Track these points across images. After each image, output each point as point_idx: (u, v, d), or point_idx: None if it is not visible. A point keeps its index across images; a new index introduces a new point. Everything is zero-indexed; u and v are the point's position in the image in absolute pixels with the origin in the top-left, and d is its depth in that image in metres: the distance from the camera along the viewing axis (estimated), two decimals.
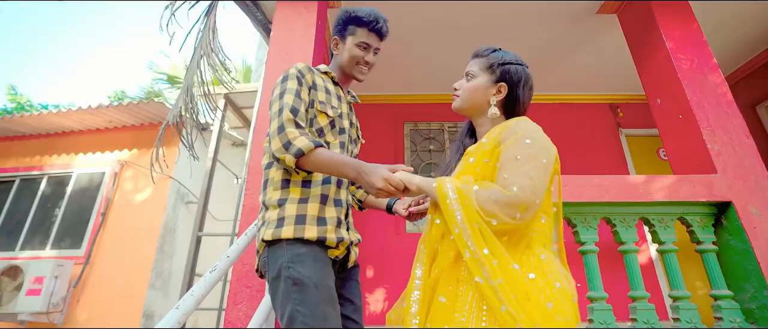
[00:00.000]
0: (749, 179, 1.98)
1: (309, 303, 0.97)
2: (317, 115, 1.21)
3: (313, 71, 1.28)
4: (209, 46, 2.67)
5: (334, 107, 1.26)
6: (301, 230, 1.06)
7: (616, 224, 1.95)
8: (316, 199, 1.12)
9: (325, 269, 1.06)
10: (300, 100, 1.16)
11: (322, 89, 1.26)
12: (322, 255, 1.09)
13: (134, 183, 4.81)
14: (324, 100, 1.24)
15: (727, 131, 2.11)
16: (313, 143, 1.06)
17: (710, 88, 2.23)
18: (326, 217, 1.12)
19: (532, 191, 0.86)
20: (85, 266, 4.32)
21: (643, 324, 1.77)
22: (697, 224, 1.96)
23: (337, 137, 1.25)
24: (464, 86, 1.12)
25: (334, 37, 1.35)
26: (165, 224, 4.59)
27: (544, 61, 3.73)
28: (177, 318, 0.86)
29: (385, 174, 0.99)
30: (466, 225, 0.85)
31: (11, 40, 39.36)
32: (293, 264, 1.02)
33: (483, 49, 1.15)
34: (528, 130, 0.96)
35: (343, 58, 1.33)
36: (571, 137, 4.05)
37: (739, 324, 1.77)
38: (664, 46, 2.38)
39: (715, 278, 1.87)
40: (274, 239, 1.07)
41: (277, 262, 1.04)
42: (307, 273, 1.01)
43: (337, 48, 1.35)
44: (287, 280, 1.01)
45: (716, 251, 1.92)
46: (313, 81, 1.25)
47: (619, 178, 1.99)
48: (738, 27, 3.39)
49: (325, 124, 1.22)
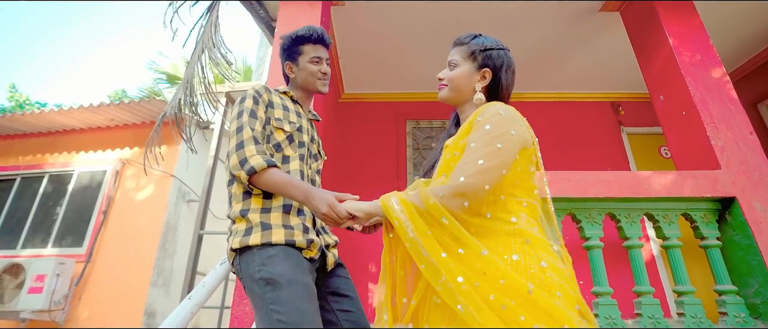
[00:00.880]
0: (753, 174, 1.99)
1: (283, 300, 0.96)
2: (274, 131, 1.25)
3: (270, 91, 1.32)
4: (211, 40, 2.67)
5: (292, 123, 1.28)
6: (269, 234, 1.07)
7: (620, 220, 1.95)
8: (279, 209, 1.13)
9: (298, 266, 1.05)
10: (255, 118, 1.20)
11: (278, 106, 1.30)
12: (294, 253, 1.08)
13: (136, 181, 4.80)
14: (280, 116, 1.28)
15: (730, 127, 2.12)
16: (266, 163, 1.09)
17: (713, 84, 2.23)
18: (291, 224, 1.12)
19: (480, 178, 0.85)
20: (86, 264, 4.31)
21: (648, 319, 1.77)
22: (701, 220, 1.96)
23: (296, 150, 1.27)
24: (448, 75, 1.11)
25: (287, 63, 1.39)
26: (166, 222, 4.58)
27: (546, 59, 3.73)
28: None
29: (330, 201, 1.00)
30: (417, 236, 0.83)
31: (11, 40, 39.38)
32: (264, 265, 1.02)
33: (464, 36, 1.14)
34: (491, 115, 0.95)
35: (300, 78, 1.37)
36: (572, 136, 4.06)
37: (743, 319, 1.77)
38: (667, 42, 2.39)
39: (719, 273, 1.87)
40: (242, 247, 1.07)
41: (249, 268, 1.04)
42: (278, 271, 1.00)
43: (292, 71, 1.39)
44: (260, 282, 1.00)
45: (720, 246, 1.93)
46: (269, 100, 1.29)
47: (624, 174, 1.99)
48: (739, 26, 3.40)
49: (282, 139, 1.25)
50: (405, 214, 0.86)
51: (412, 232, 0.83)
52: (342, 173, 3.84)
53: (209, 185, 4.37)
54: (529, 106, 4.26)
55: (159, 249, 4.45)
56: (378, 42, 3.50)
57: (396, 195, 0.92)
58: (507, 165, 0.89)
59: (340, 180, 3.79)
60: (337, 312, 1.19)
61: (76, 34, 60.78)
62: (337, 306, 1.20)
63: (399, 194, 0.92)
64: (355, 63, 3.79)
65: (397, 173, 3.91)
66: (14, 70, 42.57)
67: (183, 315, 0.85)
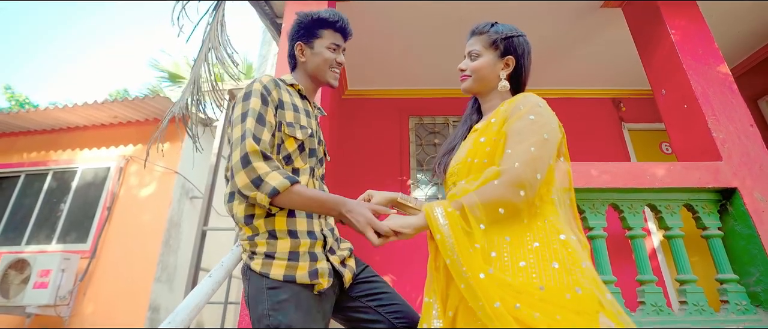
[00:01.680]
0: (754, 166, 2.02)
1: None
2: (285, 139, 1.09)
3: (279, 85, 1.15)
4: (217, 39, 2.70)
5: (304, 127, 1.14)
6: (269, 265, 0.99)
7: (623, 211, 1.98)
8: (285, 234, 1.04)
9: (309, 313, 0.98)
10: (264, 125, 1.03)
11: (289, 106, 1.14)
12: (306, 297, 1.00)
13: (139, 178, 4.83)
14: (292, 120, 1.12)
15: (732, 120, 2.15)
16: (288, 180, 0.97)
17: (715, 77, 2.26)
18: (299, 251, 1.03)
19: (533, 166, 0.85)
20: (91, 260, 4.34)
21: (651, 307, 1.80)
22: (703, 211, 1.99)
23: (306, 161, 1.15)
24: (471, 65, 1.12)
25: (299, 43, 1.24)
26: (170, 218, 4.61)
27: (548, 55, 3.76)
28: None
29: (369, 218, 0.93)
30: (458, 254, 0.80)
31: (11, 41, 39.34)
32: (275, 311, 0.95)
33: (482, 25, 1.15)
34: (533, 105, 0.96)
35: (313, 63, 1.23)
36: (574, 131, 4.05)
37: (744, 307, 1.80)
38: (668, 37, 2.42)
39: (720, 263, 1.90)
40: (247, 268, 1.03)
41: (257, 307, 0.98)
42: (288, 321, 0.94)
43: (304, 54, 1.25)
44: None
45: (722, 236, 1.95)
46: (279, 98, 1.12)
47: (627, 164, 2.02)
48: (739, 22, 3.43)
49: (293, 149, 1.10)
50: (449, 228, 0.82)
51: (452, 248, 0.80)
52: (345, 169, 3.87)
53: (212, 182, 4.39)
54: None
55: (163, 245, 4.47)
56: (382, 39, 3.53)
57: (441, 205, 0.87)
58: (552, 157, 0.91)
59: (343, 176, 3.82)
60: (381, 311, 1.12)
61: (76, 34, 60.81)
62: (378, 303, 1.13)
63: (444, 204, 0.87)
64: (359, 59, 3.81)
65: (401, 169, 3.94)
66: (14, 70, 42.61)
67: (205, 291, 0.87)
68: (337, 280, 1.10)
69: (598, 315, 0.71)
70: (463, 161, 1.00)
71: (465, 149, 1.04)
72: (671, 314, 1.80)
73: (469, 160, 0.97)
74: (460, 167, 1.01)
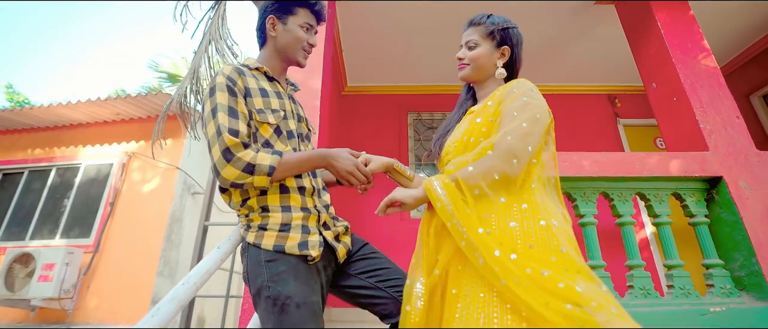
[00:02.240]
0: (739, 156, 2.09)
1: (290, 322, 0.95)
2: (259, 127, 1.10)
3: (243, 73, 1.15)
4: (218, 32, 2.76)
5: (276, 110, 1.14)
6: (261, 236, 1.04)
7: (613, 199, 2.05)
8: (278, 210, 1.08)
9: (307, 283, 1.01)
10: (237, 117, 1.04)
11: (256, 92, 1.14)
12: (303, 269, 1.03)
13: (142, 174, 4.89)
14: (262, 106, 1.12)
15: (719, 112, 2.22)
16: (277, 155, 1.03)
17: (703, 71, 2.34)
18: (290, 223, 1.07)
19: (524, 140, 0.93)
20: (94, 254, 4.40)
21: (640, 290, 1.87)
22: (690, 199, 2.06)
23: (286, 143, 1.15)
24: (469, 54, 1.18)
25: (271, 17, 1.22)
26: (172, 214, 4.67)
27: (544, 52, 3.83)
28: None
29: (355, 162, 1.04)
30: (456, 214, 0.89)
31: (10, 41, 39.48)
32: (274, 283, 0.98)
33: (479, 17, 1.22)
34: (526, 89, 1.04)
35: (283, 40, 1.22)
36: (570, 127, 4.16)
37: (729, 290, 1.87)
38: (659, 32, 2.49)
39: (707, 249, 1.97)
40: (245, 244, 1.07)
41: (257, 279, 1.01)
42: (287, 292, 0.97)
43: (275, 29, 1.22)
44: (268, 300, 0.98)
45: (708, 224, 2.02)
46: (245, 86, 1.12)
47: (617, 154, 2.09)
48: (730, 18, 3.50)
49: (269, 135, 1.12)
50: (447, 196, 0.91)
51: (452, 213, 0.89)
52: None
53: (214, 178, 4.46)
54: None
55: (165, 240, 4.54)
56: (381, 37, 3.60)
57: (439, 179, 0.96)
58: (541, 134, 0.99)
59: None
60: (381, 286, 1.16)
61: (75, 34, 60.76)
62: (377, 279, 1.17)
63: (441, 177, 0.97)
64: (359, 56, 3.88)
65: None
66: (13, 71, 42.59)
67: (215, 259, 0.93)
68: (332, 255, 1.13)
69: (577, 275, 0.78)
70: (460, 139, 1.07)
71: (461, 129, 1.11)
72: (658, 297, 1.87)
73: (465, 138, 1.04)
74: (457, 146, 1.08)
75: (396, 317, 1.12)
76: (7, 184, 5.09)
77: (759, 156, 2.09)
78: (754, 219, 1.92)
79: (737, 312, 1.75)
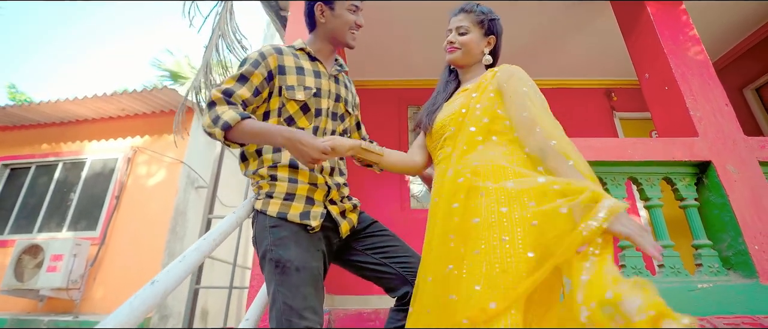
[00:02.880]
0: (727, 141, 2.16)
1: (289, 284, 1.03)
2: (285, 103, 1.18)
3: (281, 52, 1.22)
4: (227, 26, 2.85)
5: (308, 88, 1.20)
6: (267, 203, 1.12)
7: (606, 183, 2.13)
8: (284, 180, 1.14)
9: (308, 250, 1.09)
10: (242, 83, 1.14)
11: (291, 70, 1.20)
12: (304, 236, 1.10)
13: (147, 168, 4.98)
14: (293, 83, 1.19)
15: (708, 100, 2.30)
16: (239, 116, 1.07)
17: (693, 61, 2.41)
18: (296, 194, 1.14)
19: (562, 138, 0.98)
20: (100, 246, 4.49)
21: (631, 270, 1.95)
22: (680, 183, 2.14)
23: (311, 120, 1.21)
24: (460, 39, 1.25)
25: (319, 4, 1.26)
26: (176, 207, 4.76)
27: (541, 47, 3.91)
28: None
29: (321, 147, 1.01)
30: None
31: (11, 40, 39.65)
32: (276, 247, 1.07)
33: (469, 5, 1.30)
34: (524, 77, 1.11)
35: (332, 25, 1.27)
36: (567, 121, 4.20)
37: (716, 269, 1.95)
38: (651, 25, 2.57)
39: (696, 230, 2.05)
40: (254, 211, 1.15)
41: (262, 243, 1.09)
42: (288, 256, 1.05)
43: (324, 15, 1.27)
44: (270, 262, 1.06)
45: (698, 206, 2.10)
46: (279, 64, 1.19)
47: (610, 140, 2.17)
48: (723, 13, 3.58)
49: (295, 111, 1.19)
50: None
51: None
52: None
53: (217, 172, 4.54)
54: None
55: (169, 233, 4.62)
56: (381, 30, 3.68)
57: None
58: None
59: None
60: (387, 262, 1.21)
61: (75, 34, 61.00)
62: (384, 256, 1.22)
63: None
64: (359, 51, 3.96)
65: None
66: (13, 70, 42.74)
67: (230, 222, 1.02)
68: (336, 228, 1.20)
69: None
70: (457, 112, 1.13)
71: (457, 103, 1.17)
72: (649, 275, 1.95)
73: (464, 110, 1.11)
74: (452, 118, 1.14)
75: (400, 290, 1.20)
76: (15, 179, 5.18)
77: (746, 142, 2.17)
78: (741, 202, 2.00)
79: (723, 288, 1.83)
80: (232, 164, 5.53)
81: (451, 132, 1.12)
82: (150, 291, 0.73)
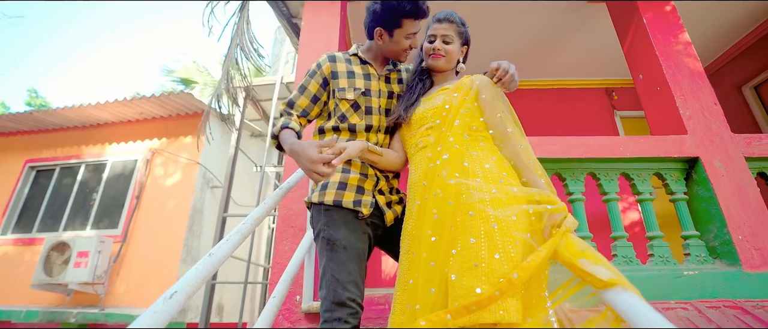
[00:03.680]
0: (715, 138, 2.30)
1: (337, 260, 1.19)
2: (338, 103, 1.36)
3: (334, 59, 1.40)
4: (244, 35, 3.05)
5: (357, 89, 1.36)
6: (323, 195, 1.29)
7: (600, 178, 2.27)
8: (338, 171, 1.31)
9: (354, 232, 1.25)
10: (301, 92, 1.39)
11: (343, 75, 1.39)
12: (352, 219, 1.27)
13: (164, 169, 5.21)
14: (345, 85, 1.36)
15: (697, 99, 2.43)
16: (281, 126, 1.31)
17: (684, 63, 2.55)
18: (346, 182, 1.30)
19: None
20: (122, 244, 4.73)
21: (622, 259, 2.09)
22: (670, 178, 2.28)
23: (362, 117, 1.37)
24: (446, 48, 1.34)
25: (378, 29, 1.37)
26: (193, 206, 4.98)
27: (543, 48, 4.05)
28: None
29: (312, 158, 1.10)
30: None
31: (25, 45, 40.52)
32: (327, 227, 1.25)
33: (452, 15, 1.38)
34: (495, 87, 1.25)
35: (389, 47, 1.40)
36: (569, 119, 4.38)
37: (703, 258, 2.08)
38: (644, 28, 2.70)
39: (685, 222, 2.19)
40: (308, 203, 1.35)
41: (317, 224, 1.28)
42: (337, 236, 1.22)
43: (382, 38, 1.38)
44: (322, 240, 1.24)
45: (686, 200, 2.24)
46: (332, 70, 1.39)
47: (603, 138, 2.31)
48: (720, 15, 3.69)
49: (346, 109, 1.36)
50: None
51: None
52: None
53: (232, 172, 4.76)
54: (530, 93, 4.59)
55: (187, 230, 4.84)
56: None
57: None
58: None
59: None
60: None
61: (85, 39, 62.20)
62: None
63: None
64: None
65: None
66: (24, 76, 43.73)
67: (268, 206, 1.20)
68: (382, 216, 1.35)
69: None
70: (440, 107, 1.26)
71: (440, 100, 1.29)
72: (639, 264, 2.09)
73: (447, 106, 1.24)
74: (435, 111, 1.27)
75: None
76: (41, 180, 5.45)
77: (733, 139, 2.30)
78: (727, 195, 2.13)
79: (708, 275, 1.97)
80: (244, 165, 5.75)
81: (435, 123, 1.25)
82: (208, 262, 0.86)
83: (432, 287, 0.98)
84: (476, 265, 0.93)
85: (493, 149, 1.21)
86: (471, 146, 1.19)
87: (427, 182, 1.17)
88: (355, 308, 1.18)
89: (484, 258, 0.93)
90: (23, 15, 23.42)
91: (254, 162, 5.99)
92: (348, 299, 1.17)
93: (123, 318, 4.19)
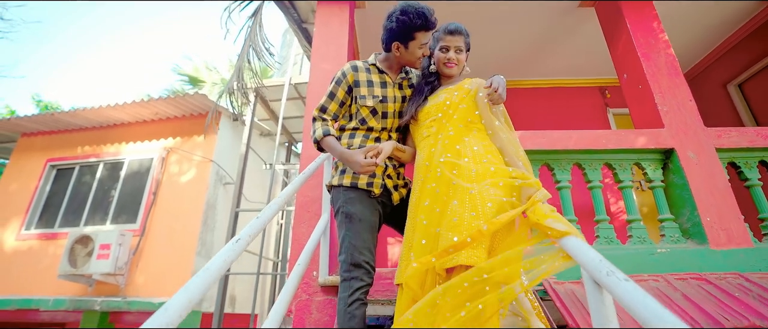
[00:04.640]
0: (689, 131, 2.53)
1: (354, 230, 1.48)
2: (359, 108, 1.60)
3: (357, 69, 1.64)
4: (257, 37, 3.31)
5: (376, 96, 1.59)
6: (342, 178, 1.58)
7: (585, 168, 2.51)
8: None
9: (368, 207, 1.53)
10: (333, 99, 1.61)
11: (364, 83, 1.61)
12: (367, 198, 1.54)
13: (179, 167, 5.48)
14: (365, 94, 1.59)
15: (674, 96, 2.66)
16: (323, 133, 1.56)
17: (663, 63, 2.78)
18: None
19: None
20: (141, 237, 5.00)
21: (604, 240, 2.33)
22: (649, 168, 2.52)
23: (379, 122, 1.61)
24: (459, 58, 1.63)
25: (395, 43, 1.58)
26: (207, 201, 5.25)
27: (537, 50, 4.29)
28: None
29: (361, 161, 1.44)
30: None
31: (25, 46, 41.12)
32: (346, 204, 1.52)
33: (461, 28, 1.62)
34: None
35: (405, 59, 1.61)
36: (564, 117, 4.61)
37: (677, 239, 2.32)
38: (627, 30, 2.94)
39: (661, 207, 2.42)
40: (329, 185, 1.65)
41: (337, 202, 1.56)
42: (354, 210, 1.50)
43: (399, 50, 1.59)
44: (342, 214, 1.52)
45: (663, 187, 2.48)
46: (355, 79, 1.62)
47: (587, 131, 2.55)
48: (703, 17, 3.91)
49: (366, 114, 1.59)
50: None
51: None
52: None
53: (243, 169, 5.02)
54: (525, 92, 4.83)
55: (202, 225, 5.11)
56: None
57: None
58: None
59: None
60: None
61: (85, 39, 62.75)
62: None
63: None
64: None
65: None
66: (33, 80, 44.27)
67: (289, 192, 1.44)
68: (390, 196, 1.62)
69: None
70: (442, 103, 1.54)
71: (442, 97, 1.56)
72: (619, 244, 2.33)
73: (448, 102, 1.52)
74: (438, 107, 1.54)
75: None
76: (62, 178, 5.74)
77: (705, 131, 2.53)
78: (699, 182, 2.37)
79: (679, 252, 2.20)
80: (255, 163, 6.01)
81: (438, 117, 1.53)
82: (232, 247, 0.92)
83: (424, 239, 1.29)
84: (455, 220, 1.23)
85: (483, 137, 1.47)
86: (464, 134, 1.45)
87: (428, 162, 1.45)
88: (368, 268, 1.44)
89: (463, 215, 1.23)
90: (40, 20, 23.86)
91: (264, 160, 6.26)
92: (363, 261, 1.43)
93: (145, 306, 4.46)
